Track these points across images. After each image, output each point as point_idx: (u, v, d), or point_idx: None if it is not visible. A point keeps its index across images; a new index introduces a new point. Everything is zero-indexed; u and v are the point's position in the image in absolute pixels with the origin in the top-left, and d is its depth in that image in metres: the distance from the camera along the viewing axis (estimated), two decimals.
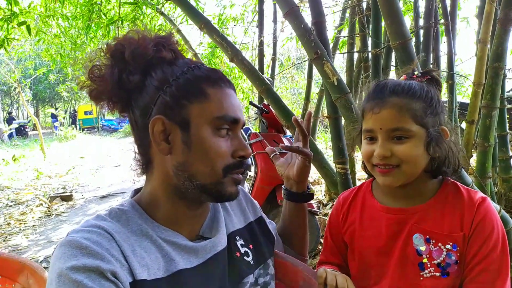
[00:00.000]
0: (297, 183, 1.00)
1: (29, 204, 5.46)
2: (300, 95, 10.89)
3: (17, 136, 18.51)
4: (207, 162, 0.74)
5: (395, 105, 0.87)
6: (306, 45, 2.06)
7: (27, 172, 8.26)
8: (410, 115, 0.86)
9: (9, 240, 4.01)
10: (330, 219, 1.09)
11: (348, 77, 3.68)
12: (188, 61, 0.80)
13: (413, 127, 0.86)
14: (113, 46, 0.77)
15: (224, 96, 0.77)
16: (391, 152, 0.86)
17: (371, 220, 0.98)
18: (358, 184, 1.10)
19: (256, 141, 3.08)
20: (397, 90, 0.89)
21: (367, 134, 0.92)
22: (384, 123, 0.87)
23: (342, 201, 1.07)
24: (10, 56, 9.78)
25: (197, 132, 0.74)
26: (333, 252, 1.07)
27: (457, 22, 3.55)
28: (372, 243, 0.95)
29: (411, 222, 0.90)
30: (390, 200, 0.96)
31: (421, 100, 0.88)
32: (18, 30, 4.64)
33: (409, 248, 0.89)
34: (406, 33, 1.72)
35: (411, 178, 0.89)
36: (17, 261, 1.05)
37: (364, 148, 0.93)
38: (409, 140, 0.86)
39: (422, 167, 0.89)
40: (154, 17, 5.34)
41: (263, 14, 4.57)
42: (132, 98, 0.78)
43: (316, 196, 4.28)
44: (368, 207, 1.00)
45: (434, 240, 0.88)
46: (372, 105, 0.90)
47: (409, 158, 0.86)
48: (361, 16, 3.11)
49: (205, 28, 2.56)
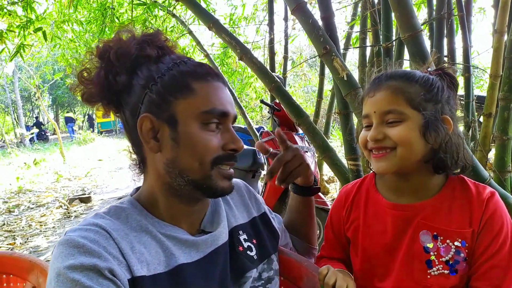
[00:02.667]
0: (301, 177, 0.99)
1: (49, 206, 5.59)
2: (314, 93, 10.82)
3: (37, 140, 19.00)
4: (196, 157, 0.74)
5: (389, 87, 0.86)
6: (315, 41, 2.03)
7: (48, 175, 8.47)
8: (404, 97, 0.84)
9: (30, 241, 4.12)
10: (332, 213, 1.06)
11: (360, 73, 3.63)
12: (175, 56, 0.80)
13: (407, 110, 0.83)
14: (101, 47, 0.77)
15: (211, 90, 0.76)
16: (384, 134, 0.84)
17: (375, 217, 0.95)
18: None
19: (268, 139, 3.07)
20: (394, 75, 0.88)
21: (365, 121, 0.90)
22: (377, 106, 0.86)
23: (345, 196, 1.04)
24: (29, 62, 10.05)
25: (184, 128, 0.74)
26: (334, 247, 1.05)
27: (473, 13, 3.45)
28: (377, 240, 0.93)
29: (418, 219, 0.87)
30: (395, 195, 0.93)
31: (419, 84, 0.85)
32: (35, 36, 4.76)
33: (416, 245, 0.87)
34: (416, 25, 1.68)
35: (406, 164, 0.85)
36: (27, 260, 1.07)
37: (361, 134, 0.91)
38: (403, 123, 0.83)
39: (420, 154, 0.85)
40: (166, 19, 5.39)
41: (273, 12, 4.53)
42: (121, 99, 0.78)
43: (330, 194, 4.24)
44: (372, 203, 0.97)
45: (442, 237, 0.85)
46: (369, 90, 0.90)
47: (402, 141, 0.83)
48: (372, 11, 3.06)
49: (214, 28, 2.56)
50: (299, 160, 0.93)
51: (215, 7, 5.40)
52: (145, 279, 0.67)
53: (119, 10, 5.12)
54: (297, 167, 0.93)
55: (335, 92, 2.60)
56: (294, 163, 0.92)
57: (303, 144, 3.10)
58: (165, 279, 0.70)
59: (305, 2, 2.10)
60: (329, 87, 5.56)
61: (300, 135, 3.19)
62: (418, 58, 1.70)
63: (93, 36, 5.67)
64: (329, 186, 4.41)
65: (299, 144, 3.07)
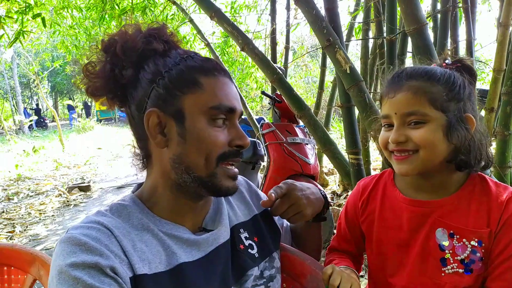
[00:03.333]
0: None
1: (48, 194, 5.60)
2: (314, 84, 10.77)
3: (37, 127, 18.96)
4: (203, 153, 0.73)
5: (411, 88, 0.82)
6: (318, 33, 2.01)
7: (47, 163, 8.47)
8: (427, 98, 0.81)
9: (29, 229, 4.13)
10: (347, 205, 1.05)
11: (363, 65, 3.60)
12: (182, 51, 0.78)
13: (430, 111, 0.81)
14: (106, 41, 0.76)
15: (219, 85, 0.75)
16: (406, 137, 0.82)
17: (391, 211, 0.94)
18: (374, 173, 1.05)
19: (268, 131, 3.05)
20: (415, 74, 0.85)
21: (384, 121, 0.88)
22: (399, 107, 0.83)
23: (362, 189, 1.02)
24: (28, 49, 9.95)
25: (192, 123, 0.73)
26: (346, 239, 1.04)
27: (477, 5, 3.41)
28: (392, 234, 0.92)
29: (435, 216, 0.86)
30: (413, 191, 0.92)
31: (441, 83, 0.82)
32: (35, 23, 4.71)
33: (431, 242, 0.86)
34: (421, 18, 1.66)
35: (429, 166, 0.83)
36: (28, 252, 1.07)
37: (381, 135, 0.89)
38: (426, 125, 0.81)
39: (442, 156, 0.83)
40: (167, 7, 5.32)
41: (275, 1, 4.48)
42: (127, 93, 0.77)
43: (330, 186, 4.24)
44: (389, 197, 0.95)
45: (459, 236, 0.83)
46: (388, 90, 0.87)
47: (426, 143, 0.80)
48: (376, 1, 3.02)
49: (216, 17, 2.54)
50: (295, 210, 0.89)
51: None
52: (146, 277, 0.67)
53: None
54: (294, 215, 0.89)
55: (337, 84, 2.59)
56: (289, 213, 0.89)
57: (303, 137, 3.09)
58: (166, 278, 0.70)
59: None
60: (330, 78, 5.53)
61: (300, 127, 3.17)
62: (423, 51, 1.68)
63: (93, 23, 5.61)
64: (329, 179, 4.41)
65: (300, 136, 3.05)
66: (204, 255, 0.76)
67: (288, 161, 2.93)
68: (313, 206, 0.92)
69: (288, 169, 2.92)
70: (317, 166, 3.13)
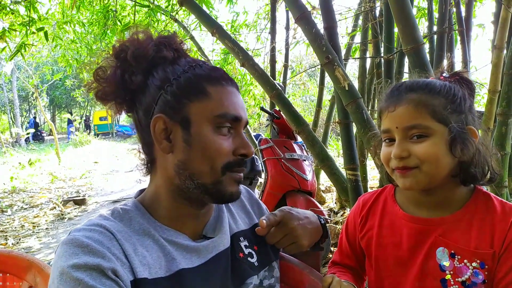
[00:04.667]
0: None
1: (43, 207, 5.54)
2: (312, 102, 10.86)
3: (33, 140, 18.89)
4: (207, 160, 0.74)
5: (411, 101, 0.80)
6: (317, 50, 2.05)
7: (42, 176, 8.41)
8: (428, 111, 0.79)
9: (22, 242, 4.07)
10: (348, 221, 1.03)
11: (360, 84, 3.65)
12: (191, 60, 0.80)
13: (432, 124, 0.78)
14: (117, 47, 0.78)
15: (226, 94, 0.77)
16: (408, 152, 0.79)
17: (391, 228, 0.91)
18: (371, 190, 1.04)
19: (266, 146, 3.07)
20: (414, 87, 0.83)
21: (385, 136, 0.86)
22: (400, 121, 0.81)
23: (362, 204, 1.00)
24: (29, 62, 10.00)
25: (197, 130, 0.74)
26: (347, 255, 1.02)
27: (472, 28, 3.50)
28: (391, 252, 0.89)
29: (435, 234, 0.83)
30: (414, 207, 0.88)
31: (441, 95, 0.80)
32: (37, 36, 4.76)
33: (431, 262, 0.82)
34: (418, 37, 1.70)
35: (433, 181, 0.80)
36: (25, 259, 1.05)
37: (382, 151, 0.86)
38: (429, 139, 0.78)
39: (447, 170, 0.80)
40: (168, 24, 5.41)
41: (275, 21, 4.57)
42: (135, 98, 0.79)
43: (327, 204, 4.23)
44: (389, 213, 0.93)
45: (460, 256, 0.80)
46: (388, 104, 0.85)
47: (428, 158, 0.78)
48: (374, 22, 3.09)
49: (217, 33, 2.58)
50: (291, 240, 0.88)
51: (217, 13, 5.44)
52: (147, 281, 0.67)
53: (122, 13, 5.14)
54: (289, 245, 0.89)
55: (335, 101, 2.62)
56: (284, 242, 0.89)
57: (301, 153, 3.11)
58: (166, 284, 0.70)
59: (309, 12, 2.13)
60: (328, 97, 5.59)
61: (298, 143, 3.19)
62: (420, 70, 1.72)
63: (95, 38, 5.68)
64: (326, 196, 4.41)
65: (298, 152, 3.07)
66: (204, 262, 0.76)
67: (286, 177, 2.93)
68: (310, 236, 0.91)
69: (285, 185, 2.92)
70: (315, 183, 3.13)
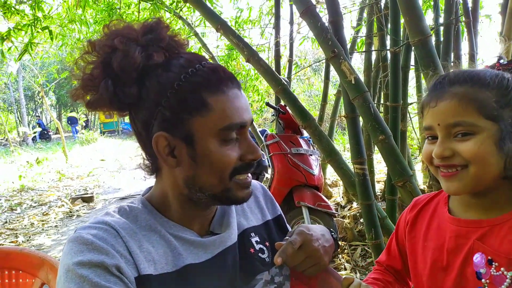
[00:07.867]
0: None
1: (51, 205, 5.60)
2: (317, 97, 10.81)
3: (40, 139, 19.04)
4: (216, 174, 0.72)
5: (455, 96, 0.72)
6: (323, 44, 2.04)
7: (50, 174, 8.49)
8: (475, 106, 0.70)
9: (32, 239, 4.12)
10: (399, 221, 0.97)
11: (366, 78, 3.64)
12: (184, 62, 0.72)
13: (479, 121, 0.70)
14: (101, 54, 0.71)
15: (228, 103, 0.71)
16: (452, 151, 0.72)
17: (437, 231, 0.85)
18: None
19: (272, 142, 3.07)
20: (459, 79, 0.74)
21: (427, 133, 0.78)
22: (442, 118, 0.73)
23: (413, 205, 0.94)
24: (34, 61, 10.05)
25: (203, 146, 0.70)
26: (394, 256, 0.97)
27: (479, 20, 3.46)
28: (432, 256, 0.83)
29: (473, 238, 0.76)
30: (463, 210, 0.82)
31: (491, 88, 0.71)
32: (43, 35, 4.79)
33: (469, 269, 0.75)
34: (425, 29, 1.69)
35: (480, 183, 0.72)
36: (37, 256, 1.07)
37: (424, 148, 0.79)
38: (475, 137, 0.70)
39: (496, 171, 0.72)
40: (173, 21, 5.41)
41: (279, 16, 4.55)
42: (131, 110, 0.75)
43: (333, 198, 4.23)
44: (437, 216, 0.86)
45: (497, 263, 0.72)
46: (429, 98, 0.77)
47: (476, 157, 0.70)
48: (379, 15, 3.06)
49: (222, 29, 2.57)
50: (312, 262, 0.85)
51: (221, 9, 5.43)
52: (151, 277, 0.68)
53: (126, 12, 5.15)
54: (310, 267, 0.85)
55: (342, 95, 2.61)
56: (306, 265, 0.84)
57: (307, 147, 3.10)
58: (172, 279, 0.70)
59: (314, 5, 2.11)
60: (333, 92, 5.57)
61: (305, 138, 3.19)
62: (427, 63, 1.71)
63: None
64: (332, 190, 4.41)
65: (304, 147, 3.06)
66: (211, 257, 0.76)
67: (292, 172, 2.94)
68: (329, 254, 0.88)
69: (292, 179, 2.93)
70: (321, 177, 3.13)
